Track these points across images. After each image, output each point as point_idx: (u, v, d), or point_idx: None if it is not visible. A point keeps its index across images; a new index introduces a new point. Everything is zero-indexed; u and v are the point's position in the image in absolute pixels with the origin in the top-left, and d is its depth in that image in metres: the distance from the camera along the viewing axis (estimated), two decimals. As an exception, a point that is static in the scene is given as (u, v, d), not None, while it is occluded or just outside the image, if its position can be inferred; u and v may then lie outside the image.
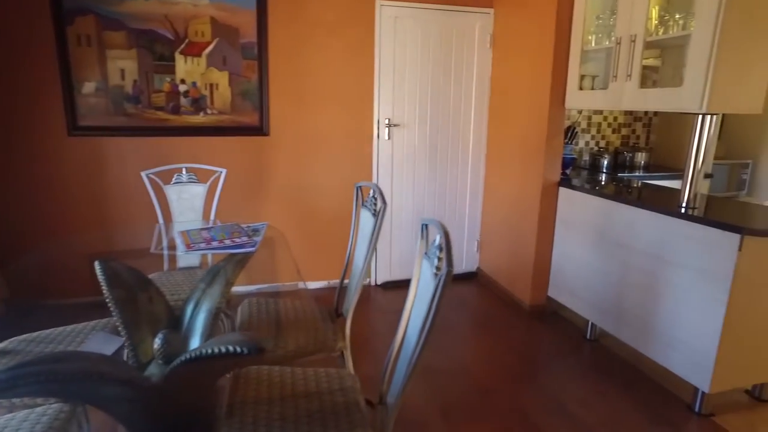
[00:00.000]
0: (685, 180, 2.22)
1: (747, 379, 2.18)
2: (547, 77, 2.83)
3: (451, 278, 1.15)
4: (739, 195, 3.85)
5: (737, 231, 1.87)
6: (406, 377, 1.26)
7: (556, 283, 3.05)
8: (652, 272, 2.30)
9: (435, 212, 3.64)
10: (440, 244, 1.24)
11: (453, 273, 1.20)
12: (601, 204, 2.62)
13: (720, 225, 1.94)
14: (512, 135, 3.26)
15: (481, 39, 3.46)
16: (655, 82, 2.56)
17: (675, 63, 2.44)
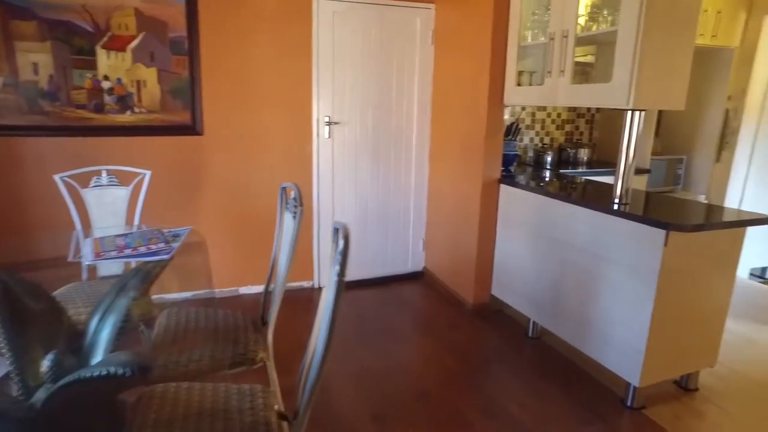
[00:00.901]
0: (617, 175, 2.22)
1: (675, 370, 2.20)
2: (485, 73, 2.80)
3: (342, 287, 1.08)
4: (676, 189, 3.95)
5: (663, 227, 1.88)
6: (310, 390, 1.18)
7: (499, 281, 3.04)
8: (587, 269, 2.30)
9: (379, 211, 3.57)
10: (342, 250, 1.16)
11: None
12: (539, 201, 2.60)
13: (647, 221, 1.94)
14: (453, 132, 3.23)
15: (422, 35, 3.40)
16: (591, 78, 2.56)
17: (606, 59, 2.44)
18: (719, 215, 2.07)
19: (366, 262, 3.62)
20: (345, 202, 3.46)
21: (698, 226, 1.88)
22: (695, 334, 2.16)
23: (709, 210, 2.19)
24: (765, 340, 2.88)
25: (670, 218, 1.93)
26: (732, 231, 2.04)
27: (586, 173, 3.43)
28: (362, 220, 3.54)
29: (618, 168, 2.20)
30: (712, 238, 2.00)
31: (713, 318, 2.20)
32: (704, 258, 2.04)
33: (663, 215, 2.00)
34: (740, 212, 2.15)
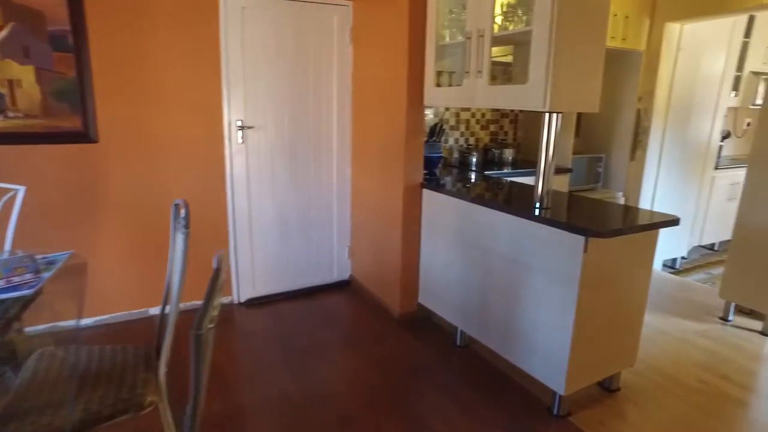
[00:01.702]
0: (537, 177, 2.17)
1: (598, 374, 2.19)
2: (403, 73, 2.68)
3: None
4: (596, 187, 4.05)
5: (582, 233, 1.83)
6: None
7: (426, 289, 2.94)
8: (511, 276, 2.24)
9: (300, 219, 3.37)
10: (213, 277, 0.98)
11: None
12: (461, 206, 2.52)
13: (567, 227, 1.89)
14: (374, 134, 3.09)
15: (339, 33, 3.24)
16: (510, 79, 2.50)
17: (524, 60, 2.39)
18: (635, 218, 2.07)
19: (288, 273, 3.41)
20: (263, 211, 3.23)
21: (616, 231, 1.85)
22: (616, 337, 2.16)
23: (626, 213, 2.20)
24: (677, 331, 2.98)
25: (589, 224, 1.89)
26: (647, 233, 2.05)
27: (511, 174, 3.42)
28: (282, 229, 3.32)
29: (538, 170, 2.15)
30: (629, 241, 1.99)
31: (632, 318, 2.20)
32: (622, 261, 2.03)
33: (582, 220, 1.96)
34: (654, 214, 2.16)
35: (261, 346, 2.73)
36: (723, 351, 2.77)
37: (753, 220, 2.98)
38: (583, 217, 2.02)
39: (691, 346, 2.82)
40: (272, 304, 3.30)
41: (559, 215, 2.03)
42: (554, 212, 2.08)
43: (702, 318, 3.20)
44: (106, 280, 2.86)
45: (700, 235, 4.74)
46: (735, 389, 2.40)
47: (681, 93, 3.96)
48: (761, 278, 2.95)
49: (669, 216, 2.07)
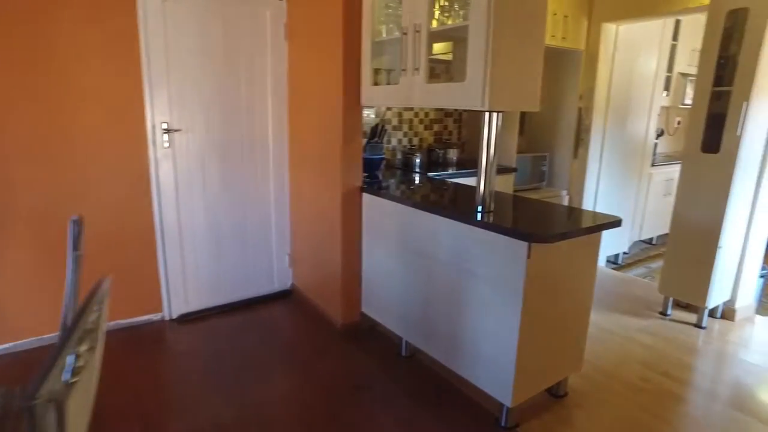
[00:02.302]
0: (479, 180, 2.07)
1: (545, 381, 2.13)
2: (338, 72, 2.53)
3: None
4: (541, 186, 4.05)
5: (525, 238, 1.75)
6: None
7: (369, 297, 2.81)
8: (454, 283, 2.14)
9: (234, 226, 3.15)
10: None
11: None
12: (402, 211, 2.40)
13: (510, 232, 1.80)
14: (311, 136, 2.93)
15: (273, 30, 3.05)
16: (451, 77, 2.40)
17: (463, 57, 2.29)
18: (579, 220, 2.02)
19: (224, 285, 3.19)
20: (194, 219, 3.00)
21: (561, 235, 1.78)
22: (563, 342, 2.10)
23: (570, 215, 2.14)
24: (620, 329, 2.99)
25: (532, 228, 1.81)
26: (591, 235, 1.99)
27: (456, 175, 3.34)
28: (216, 238, 3.09)
29: (479, 172, 2.05)
30: (574, 244, 1.93)
31: (578, 322, 2.16)
32: (567, 264, 1.96)
33: (526, 225, 1.89)
34: (597, 215, 2.12)
35: (192, 367, 2.51)
36: (663, 346, 2.80)
37: (687, 216, 3.03)
38: (526, 221, 1.95)
39: (634, 343, 2.83)
40: (207, 319, 3.06)
41: (501, 219, 1.95)
42: (497, 216, 2.00)
43: (643, 313, 3.24)
44: (10, 303, 2.55)
45: (639, 230, 4.87)
46: (674, 385, 2.41)
47: (619, 92, 4.02)
48: (694, 273, 3.00)
49: (611, 217, 2.03)
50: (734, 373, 2.57)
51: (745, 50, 2.72)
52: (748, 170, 2.93)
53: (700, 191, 2.96)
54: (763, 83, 2.78)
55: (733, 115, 2.79)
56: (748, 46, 2.71)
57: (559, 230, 1.80)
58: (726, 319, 3.19)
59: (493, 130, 1.97)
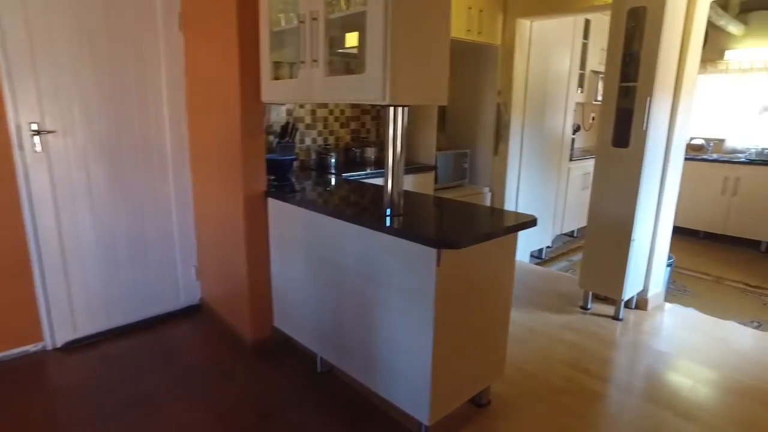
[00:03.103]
0: (386, 180, 1.91)
1: (466, 393, 2.01)
2: (234, 65, 2.29)
3: None
4: (463, 183, 3.99)
5: (433, 245, 1.61)
6: None
7: (280, 311, 2.59)
8: (365, 294, 1.97)
9: (131, 238, 2.81)
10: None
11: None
12: (309, 216, 2.20)
13: (417, 238, 1.66)
14: (211, 136, 2.66)
15: (165, 18, 2.74)
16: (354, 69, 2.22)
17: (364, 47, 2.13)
18: (493, 222, 1.91)
19: (120, 304, 2.84)
20: (79, 233, 2.63)
21: (472, 239, 1.65)
22: (482, 350, 1.99)
23: (484, 215, 2.04)
24: (543, 326, 2.96)
25: (441, 233, 1.67)
26: (507, 236, 1.89)
27: (373, 174, 3.18)
28: (109, 252, 2.74)
29: (386, 172, 1.89)
30: (488, 246, 1.82)
31: (497, 327, 2.06)
32: (482, 268, 1.85)
33: (435, 229, 1.75)
34: (511, 215, 2.03)
35: (73, 404, 2.17)
36: (584, 342, 2.79)
37: (602, 211, 3.05)
38: (436, 225, 1.81)
39: (556, 341, 2.80)
40: (99, 345, 2.71)
41: (410, 223, 1.80)
42: (406, 220, 1.85)
43: (565, 309, 3.25)
44: None
45: (561, 224, 4.96)
46: (595, 383, 2.39)
47: (535, 88, 4.04)
48: (610, 267, 3.03)
49: (527, 217, 1.95)
50: (647, 363, 2.60)
51: (645, 47, 2.76)
52: (654, 164, 2.99)
53: (612, 186, 2.99)
54: (663, 79, 2.84)
55: (639, 110, 2.83)
56: (648, 43, 2.75)
57: (471, 234, 1.68)
58: (639, 308, 3.26)
59: (399, 126, 1.82)
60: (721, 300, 3.75)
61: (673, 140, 3.04)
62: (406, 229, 1.72)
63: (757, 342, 2.88)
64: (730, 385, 2.40)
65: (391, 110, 1.79)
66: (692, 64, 2.99)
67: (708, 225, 5.35)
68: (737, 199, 5.12)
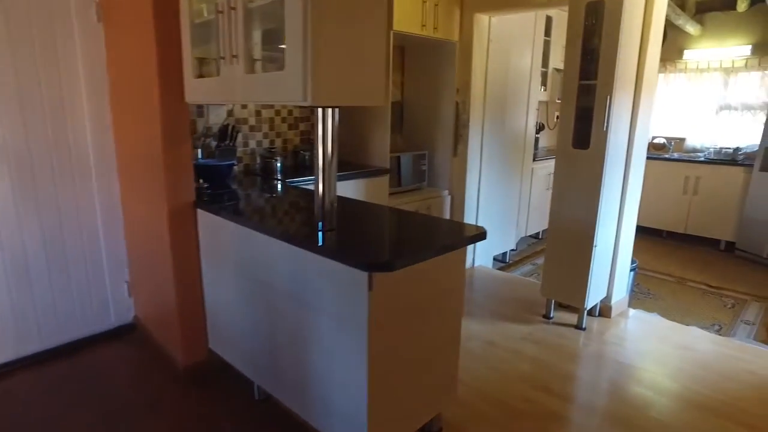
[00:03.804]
0: (315, 190, 1.69)
1: (412, 424, 1.81)
2: (152, 61, 2.03)
3: None
4: (422, 186, 3.80)
5: (365, 267, 1.40)
6: None
7: (216, 332, 2.35)
8: (296, 318, 1.75)
9: (49, 253, 2.52)
10: None
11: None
12: (238, 230, 1.97)
13: (346, 259, 1.45)
14: (134, 141, 2.40)
15: (80, 10, 2.45)
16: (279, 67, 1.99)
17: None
18: (439, 236, 1.72)
19: (36, 328, 2.54)
20: (-19, 251, 2.33)
21: (411, 259, 1.46)
22: (428, 376, 1.80)
23: (430, 228, 1.85)
24: (504, 339, 2.80)
25: (375, 253, 1.47)
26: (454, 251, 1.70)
27: (323, 180, 2.96)
28: (20, 270, 2.44)
29: (316, 181, 1.68)
30: (430, 265, 1.62)
31: (446, 350, 1.87)
32: (424, 288, 1.66)
33: (368, 248, 1.55)
34: (461, 227, 1.84)
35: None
36: (545, 356, 2.64)
37: (563, 216, 2.91)
38: (372, 241, 1.61)
39: (517, 355, 2.64)
40: (6, 377, 2.41)
41: (342, 240, 1.59)
42: (339, 236, 1.64)
43: (527, 318, 3.10)
44: None
45: (526, 226, 4.84)
46: (556, 403, 2.23)
47: (496, 86, 3.88)
48: (572, 274, 2.90)
49: (476, 229, 1.76)
50: (611, 377, 2.46)
51: (605, 43, 2.62)
52: (616, 165, 2.86)
53: (573, 189, 2.85)
54: (623, 76, 2.71)
55: (599, 109, 2.69)
56: (607, 40, 2.61)
57: (409, 253, 1.48)
58: (603, 316, 3.14)
59: (329, 129, 1.60)
60: (684, 302, 3.68)
61: (634, 140, 2.92)
62: (335, 247, 1.51)
63: (719, 349, 2.79)
64: (694, 400, 2.28)
65: (319, 112, 1.58)
66: (652, 62, 2.87)
67: (670, 224, 5.32)
68: (698, 198, 5.10)
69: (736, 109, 5.27)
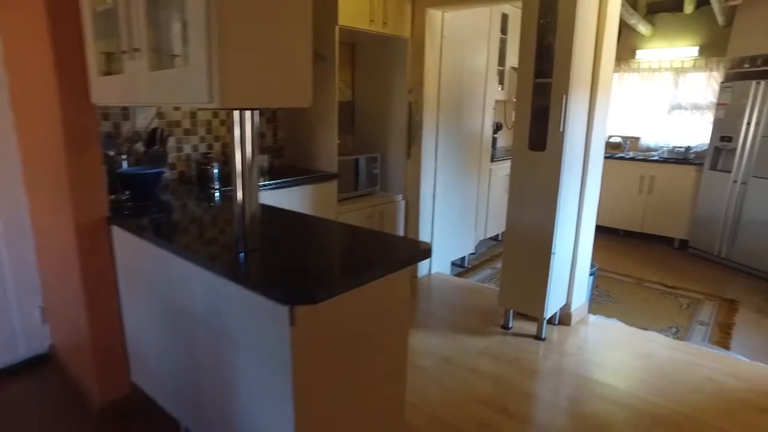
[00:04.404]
0: (234, 206, 1.46)
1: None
2: (48, 55, 1.75)
3: None
4: (374, 191, 3.61)
5: (285, 300, 1.19)
6: None
7: (138, 364, 2.08)
8: (217, 353, 1.52)
9: (-63, 282, 2.18)
10: None
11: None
12: (154, 252, 1.71)
13: (263, 291, 1.23)
14: (37, 147, 2.10)
15: (-29, -7, 2.12)
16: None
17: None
18: (378, 256, 1.52)
19: (-75, 366, 2.20)
20: None
21: (337, 289, 1.25)
22: (370, 409, 1.60)
23: (367, 246, 1.64)
24: (460, 355, 2.64)
25: (297, 283, 1.25)
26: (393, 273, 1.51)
27: (265, 187, 2.72)
28: None
29: (234, 195, 1.44)
30: (365, 291, 1.42)
31: (390, 379, 1.67)
32: (359, 316, 1.45)
33: (292, 274, 1.33)
34: (404, 243, 1.65)
35: None
36: (504, 372, 2.49)
37: (520, 222, 2.78)
38: (297, 266, 1.39)
39: (474, 373, 2.48)
40: None
41: (264, 264, 1.37)
42: (262, 258, 1.42)
43: (485, 330, 2.95)
44: None
45: (485, 228, 4.72)
46: (514, 426, 2.08)
47: (450, 85, 3.72)
48: (531, 283, 2.77)
49: (418, 246, 1.57)
50: (571, 393, 2.33)
51: (559, 40, 2.49)
52: (573, 167, 2.75)
53: (530, 194, 2.71)
54: (579, 75, 2.59)
55: (555, 109, 2.56)
56: (561, 36, 2.48)
57: (339, 281, 1.28)
58: (563, 324, 3.02)
59: (247, 134, 1.38)
60: (642, 304, 3.63)
61: (592, 140, 2.81)
62: (252, 275, 1.29)
63: (678, 355, 2.71)
64: (659, 415, 2.17)
65: (235, 115, 1.35)
66: (608, 60, 2.77)
67: (627, 223, 5.33)
68: (653, 197, 5.11)
69: (686, 109, 5.32)
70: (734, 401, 2.29)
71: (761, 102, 4.16)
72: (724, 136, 4.49)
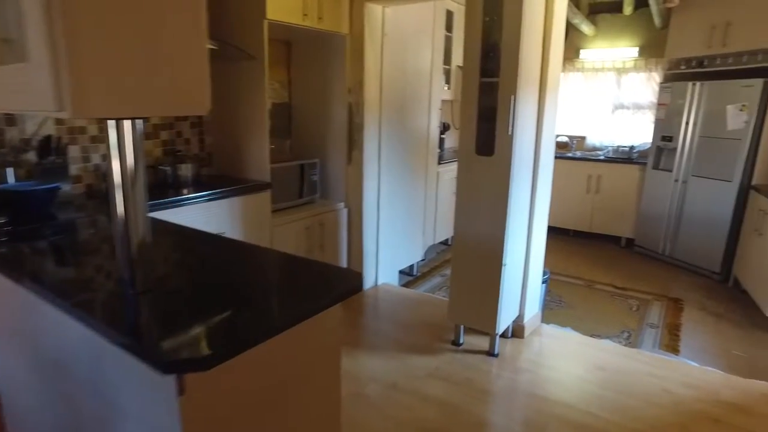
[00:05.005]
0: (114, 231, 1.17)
1: None
2: None
3: None
4: (314, 199, 3.34)
5: (168, 368, 0.91)
6: None
7: (16, 425, 1.72)
8: (99, 419, 1.22)
9: None
10: None
11: None
12: (26, 296, 1.39)
13: (143, 356, 0.95)
14: None
15: None
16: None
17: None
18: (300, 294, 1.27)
19: None
20: None
21: (241, 346, 0.99)
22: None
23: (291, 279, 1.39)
24: (407, 379, 2.43)
25: (186, 343, 0.98)
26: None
27: (189, 200, 2.41)
28: None
29: (113, 219, 1.15)
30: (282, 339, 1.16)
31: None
32: (274, 372, 1.19)
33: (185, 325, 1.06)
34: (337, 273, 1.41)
35: None
36: (454, 396, 2.30)
37: (468, 232, 2.60)
38: (196, 314, 1.12)
39: (423, 400, 2.27)
40: None
41: (153, 312, 1.09)
42: (154, 301, 1.13)
43: (435, 347, 2.75)
44: None
45: (434, 233, 4.54)
46: (468, 461, 1.88)
47: (393, 84, 3.51)
48: (481, 297, 2.59)
49: (344, 276, 1.34)
50: (525, 416, 2.17)
51: (506, 38, 2.33)
52: (523, 172, 2.59)
53: (479, 202, 2.54)
54: (527, 74, 2.43)
55: (503, 110, 2.39)
56: (507, 34, 2.32)
57: (241, 335, 1.01)
58: (516, 336, 2.88)
59: (127, 147, 1.09)
60: (594, 309, 3.56)
61: (542, 142, 2.67)
62: (134, 329, 1.01)
63: (632, 365, 2.62)
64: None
65: (110, 125, 1.06)
66: (556, 59, 2.63)
67: (576, 223, 5.31)
68: (599, 196, 5.12)
69: (629, 109, 5.36)
70: (689, 414, 2.20)
71: (698, 102, 4.20)
72: (665, 136, 4.52)
